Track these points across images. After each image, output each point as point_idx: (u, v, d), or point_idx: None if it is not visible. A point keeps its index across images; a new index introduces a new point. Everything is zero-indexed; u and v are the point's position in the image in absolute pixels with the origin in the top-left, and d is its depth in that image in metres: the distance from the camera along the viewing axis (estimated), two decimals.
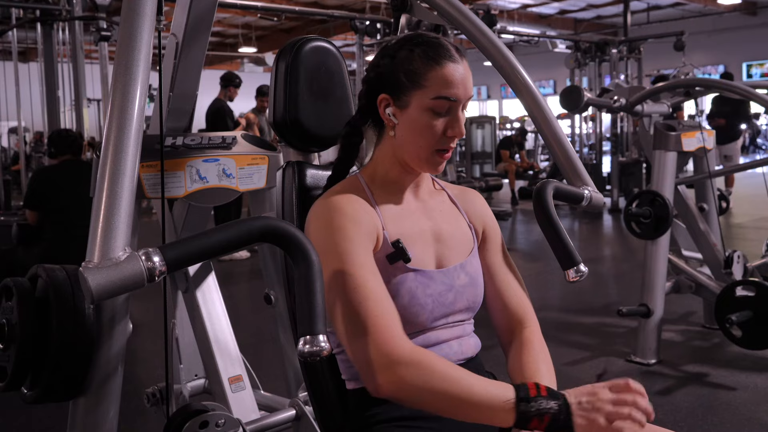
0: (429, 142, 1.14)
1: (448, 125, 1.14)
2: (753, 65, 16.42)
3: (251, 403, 1.76)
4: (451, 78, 1.12)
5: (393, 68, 1.16)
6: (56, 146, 3.97)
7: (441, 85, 1.12)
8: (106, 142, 1.00)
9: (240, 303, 4.69)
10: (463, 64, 1.15)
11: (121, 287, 0.88)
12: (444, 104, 1.13)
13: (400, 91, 1.15)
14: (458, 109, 1.14)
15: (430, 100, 1.12)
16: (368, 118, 1.22)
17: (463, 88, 1.14)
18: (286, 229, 0.97)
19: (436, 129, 1.13)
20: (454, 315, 1.20)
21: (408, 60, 1.14)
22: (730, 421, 2.56)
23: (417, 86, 1.13)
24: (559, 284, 4.94)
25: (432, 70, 1.12)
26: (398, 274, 1.14)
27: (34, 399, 1.47)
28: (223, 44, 16.94)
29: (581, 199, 1.49)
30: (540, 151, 14.11)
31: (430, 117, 1.13)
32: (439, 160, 1.16)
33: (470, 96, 1.16)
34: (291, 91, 1.35)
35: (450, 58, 1.13)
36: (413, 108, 1.14)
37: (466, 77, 1.14)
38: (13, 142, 13.40)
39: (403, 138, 1.17)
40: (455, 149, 9.34)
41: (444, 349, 1.18)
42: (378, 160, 1.23)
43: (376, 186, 1.21)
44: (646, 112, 3.31)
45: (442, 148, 1.15)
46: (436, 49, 1.14)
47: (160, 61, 1.42)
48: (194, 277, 1.82)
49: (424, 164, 1.17)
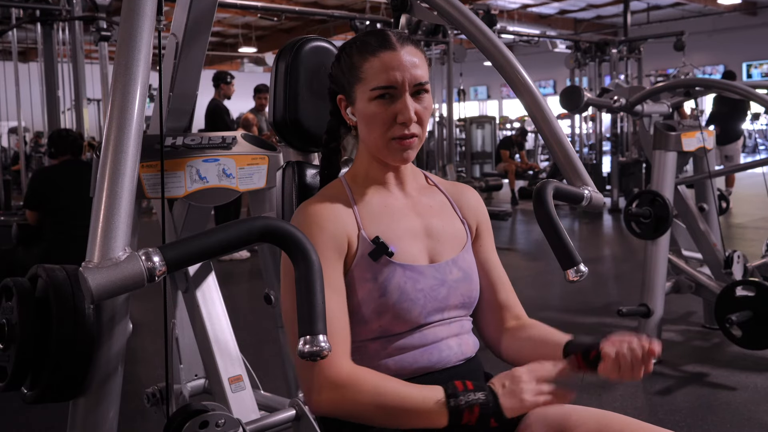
0: (380, 131, 1.15)
1: (396, 111, 1.13)
2: (753, 65, 16.41)
3: (251, 403, 1.76)
4: (387, 65, 1.12)
5: (339, 69, 1.19)
6: (56, 146, 3.97)
7: (377, 74, 1.13)
8: (106, 142, 1.00)
9: (240, 303, 4.69)
10: (405, 49, 1.14)
11: (121, 287, 0.88)
12: (385, 92, 1.13)
13: (348, 89, 1.18)
14: (404, 94, 1.13)
15: (370, 91, 1.14)
16: (340, 120, 1.24)
17: (403, 72, 1.12)
18: (286, 229, 0.97)
19: (384, 117, 1.14)
20: (449, 311, 1.19)
21: (348, 57, 1.18)
22: (730, 421, 2.56)
23: (357, 80, 1.15)
24: (559, 284, 4.94)
25: (366, 62, 1.14)
26: (385, 270, 1.14)
27: (34, 399, 1.46)
28: (223, 44, 16.94)
29: (581, 199, 1.48)
30: (540, 151, 14.11)
31: (376, 107, 1.14)
32: (398, 147, 1.15)
33: (418, 81, 1.14)
34: (291, 91, 1.35)
35: (385, 46, 1.13)
36: (359, 102, 1.16)
37: (406, 62, 1.13)
38: (13, 142, 13.40)
39: (362, 133, 1.19)
40: (455, 149, 9.28)
41: (443, 349, 1.18)
42: (358, 160, 1.25)
43: (358, 185, 1.22)
44: (646, 112, 3.31)
45: (397, 135, 1.14)
46: (370, 41, 1.15)
47: (160, 61, 1.42)
48: (194, 277, 1.81)
49: (387, 155, 1.18)
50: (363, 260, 1.14)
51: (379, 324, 1.14)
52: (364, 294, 1.13)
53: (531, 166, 10.40)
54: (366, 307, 1.13)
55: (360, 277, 1.14)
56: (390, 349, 1.15)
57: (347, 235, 1.14)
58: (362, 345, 1.15)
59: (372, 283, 1.13)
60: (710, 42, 15.90)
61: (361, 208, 1.19)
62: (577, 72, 9.16)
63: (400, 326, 1.15)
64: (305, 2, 13.11)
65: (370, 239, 1.15)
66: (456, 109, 9.09)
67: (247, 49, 15.15)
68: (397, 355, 1.15)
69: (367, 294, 1.13)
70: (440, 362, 1.17)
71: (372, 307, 1.13)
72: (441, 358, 1.17)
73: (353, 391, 1.06)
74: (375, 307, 1.13)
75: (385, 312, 1.13)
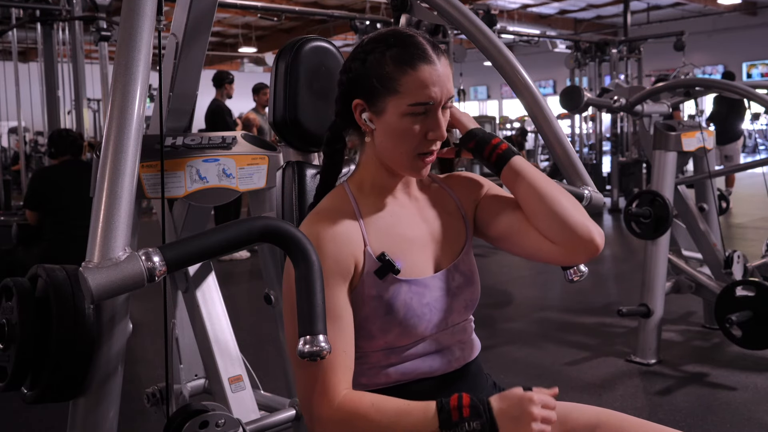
0: (409, 147, 1.11)
1: (428, 128, 1.09)
2: (753, 65, 16.41)
3: (251, 403, 1.76)
4: (427, 81, 1.07)
5: (365, 72, 1.10)
6: (57, 146, 3.96)
7: (417, 90, 1.07)
8: (106, 142, 1.00)
9: (240, 303, 4.69)
10: (441, 63, 1.09)
11: (121, 287, 0.88)
12: (421, 108, 1.08)
13: (374, 97, 1.10)
14: (437, 110, 1.09)
15: (407, 107, 1.08)
16: (347, 122, 1.17)
17: (440, 88, 1.08)
18: (286, 229, 0.97)
19: (415, 133, 1.09)
20: (452, 317, 1.19)
21: (380, 64, 1.09)
22: (730, 421, 2.56)
23: (392, 92, 1.08)
24: (559, 284, 4.94)
25: (406, 75, 1.07)
26: (391, 289, 1.11)
27: (34, 399, 1.46)
28: (223, 44, 16.93)
29: (581, 199, 1.48)
30: (540, 151, 14.11)
31: (408, 122, 1.09)
32: (421, 165, 1.13)
33: (451, 95, 1.11)
34: (291, 91, 1.35)
35: (424, 60, 1.07)
36: (390, 114, 1.09)
37: (443, 76, 1.09)
38: (13, 142, 13.39)
39: (382, 144, 1.13)
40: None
41: (447, 355, 1.17)
42: (363, 166, 1.19)
43: (364, 195, 1.17)
44: (646, 112, 3.31)
45: (423, 151, 1.12)
46: (409, 51, 1.08)
47: (160, 61, 1.42)
48: (194, 277, 1.81)
49: (408, 169, 1.14)
50: (369, 277, 1.11)
51: (385, 340, 1.12)
52: (369, 311, 1.11)
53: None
54: (372, 324, 1.12)
55: (366, 293, 1.11)
56: (393, 358, 1.14)
57: (353, 256, 1.10)
58: (365, 354, 1.14)
59: (377, 301, 1.11)
60: (710, 42, 15.90)
61: (368, 221, 1.14)
62: (577, 72, 9.16)
63: (405, 340, 1.13)
64: (305, 2, 13.10)
65: (376, 256, 1.11)
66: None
67: (247, 49, 15.14)
68: (399, 364, 1.14)
69: (372, 311, 1.11)
70: (441, 368, 1.17)
71: (378, 325, 1.11)
72: (442, 363, 1.17)
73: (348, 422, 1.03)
74: (381, 324, 1.11)
75: (391, 329, 1.12)
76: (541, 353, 3.36)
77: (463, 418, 0.97)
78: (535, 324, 3.88)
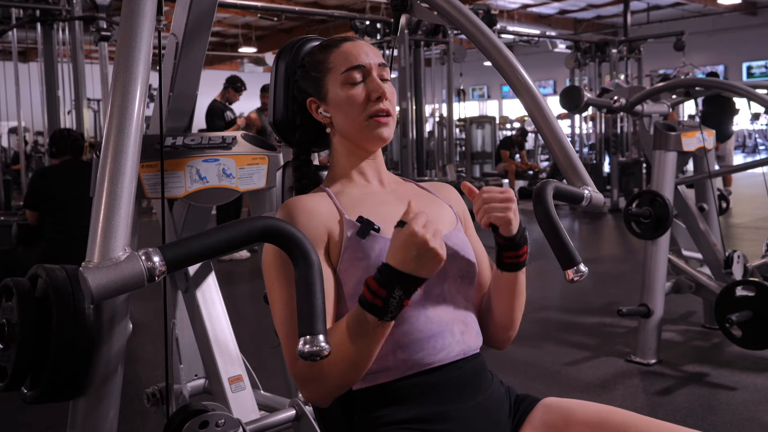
0: (358, 112, 1.19)
1: (369, 90, 1.20)
2: (753, 65, 16.42)
3: (251, 403, 1.76)
4: (351, 51, 1.21)
5: (304, 75, 1.26)
6: (57, 146, 3.97)
7: (345, 59, 1.21)
8: (106, 142, 1.00)
9: (240, 303, 4.69)
10: (363, 41, 1.25)
11: (121, 287, 0.88)
12: (354, 74, 1.20)
13: (317, 86, 1.23)
14: (371, 73, 1.20)
15: (341, 75, 1.20)
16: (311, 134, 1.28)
17: (367, 54, 1.21)
18: (286, 229, 0.97)
19: (359, 98, 1.19)
20: (447, 284, 1.18)
21: (312, 59, 1.25)
22: (730, 421, 2.56)
23: (326, 71, 1.22)
24: (559, 284, 4.94)
25: (332, 53, 1.22)
26: (376, 246, 1.12)
27: (34, 399, 1.47)
28: (223, 44, 16.94)
29: (581, 199, 1.48)
30: (540, 151, 14.11)
31: (349, 90, 1.20)
32: (376, 125, 1.19)
33: (380, 59, 1.23)
34: (291, 90, 1.35)
35: (346, 40, 1.24)
36: (332, 91, 1.21)
37: (366, 47, 1.23)
38: (13, 142, 13.40)
39: (339, 122, 1.22)
40: (455, 149, 9.18)
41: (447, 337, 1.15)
42: (335, 161, 1.27)
43: (335, 182, 1.25)
44: (646, 112, 3.31)
45: (373, 112, 1.19)
46: (333, 40, 1.26)
47: (160, 61, 1.42)
48: (194, 277, 1.82)
49: (367, 136, 1.20)
50: (352, 242, 1.13)
51: None
52: (360, 272, 1.11)
53: (531, 166, 10.41)
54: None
55: (353, 257, 1.12)
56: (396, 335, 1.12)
57: (325, 225, 1.15)
58: None
59: (366, 261, 1.12)
60: (710, 42, 15.91)
61: (341, 198, 1.21)
62: (577, 72, 9.16)
63: None
64: (305, 2, 13.11)
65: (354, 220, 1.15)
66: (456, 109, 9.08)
67: (247, 49, 15.15)
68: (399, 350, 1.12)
69: (363, 272, 1.11)
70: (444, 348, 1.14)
71: None
72: (444, 345, 1.14)
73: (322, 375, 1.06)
74: None
75: None
76: (541, 353, 3.36)
77: (385, 298, 0.99)
78: (535, 324, 3.87)
